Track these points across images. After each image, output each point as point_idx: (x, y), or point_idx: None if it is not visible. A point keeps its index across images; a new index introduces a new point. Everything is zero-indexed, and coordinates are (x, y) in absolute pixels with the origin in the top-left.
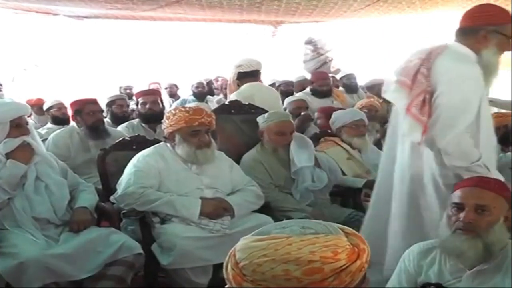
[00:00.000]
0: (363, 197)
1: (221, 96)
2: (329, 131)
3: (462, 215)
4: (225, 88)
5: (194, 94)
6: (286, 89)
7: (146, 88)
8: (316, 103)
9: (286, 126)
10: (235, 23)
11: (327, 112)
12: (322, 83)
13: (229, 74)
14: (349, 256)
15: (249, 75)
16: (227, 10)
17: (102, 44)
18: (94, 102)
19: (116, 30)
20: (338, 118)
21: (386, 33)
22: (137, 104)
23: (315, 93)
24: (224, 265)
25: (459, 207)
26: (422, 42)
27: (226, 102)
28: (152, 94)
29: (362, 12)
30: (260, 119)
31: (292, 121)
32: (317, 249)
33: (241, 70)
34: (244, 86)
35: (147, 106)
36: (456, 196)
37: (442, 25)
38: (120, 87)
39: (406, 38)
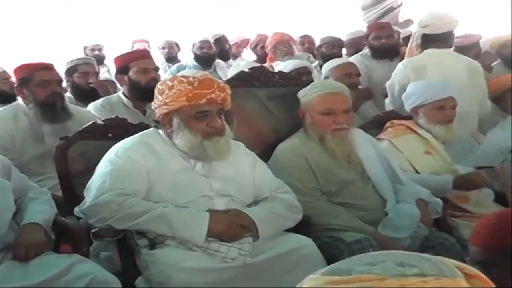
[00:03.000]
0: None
1: (238, 60)
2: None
3: None
4: (245, 47)
5: (197, 58)
6: (329, 52)
7: (127, 49)
8: (377, 70)
9: (336, 101)
10: None
11: None
12: (381, 34)
13: (412, 35)
14: None
15: (436, 39)
16: None
17: None
18: (47, 67)
19: None
20: (415, 93)
21: None
22: (122, 71)
23: (375, 53)
24: None
25: None
26: None
27: (246, 69)
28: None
29: None
30: (301, 94)
31: (347, 95)
32: None
33: (426, 32)
34: (422, 54)
35: (151, 75)
36: None
37: None
38: (85, 48)
39: None
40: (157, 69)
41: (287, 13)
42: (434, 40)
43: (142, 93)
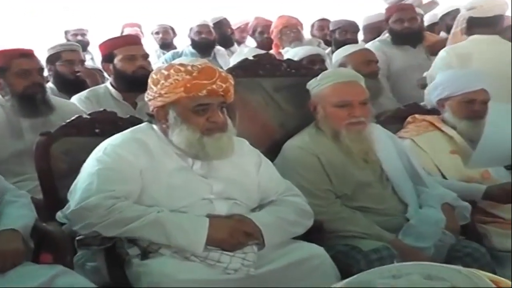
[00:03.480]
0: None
1: (242, 46)
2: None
3: None
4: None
5: (194, 44)
6: (343, 38)
7: (115, 33)
8: (398, 58)
9: (351, 92)
10: None
11: None
12: (402, 17)
13: (457, 19)
14: None
15: (484, 23)
16: None
17: None
18: (27, 55)
19: None
20: (442, 83)
21: None
22: (107, 60)
23: (395, 39)
24: None
25: None
26: None
27: (250, 57)
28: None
29: None
30: (311, 84)
31: (363, 85)
32: None
33: (473, 15)
34: (466, 40)
35: (138, 63)
36: None
37: None
38: (67, 32)
39: None
40: (146, 56)
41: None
42: (481, 24)
43: (129, 83)
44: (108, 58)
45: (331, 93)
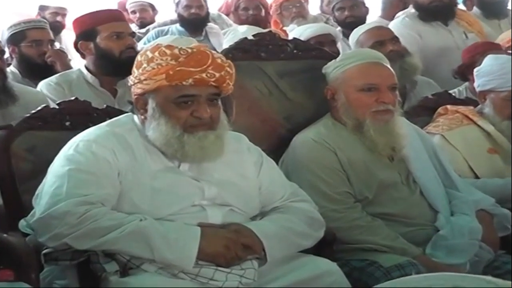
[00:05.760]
0: None
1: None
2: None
3: None
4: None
5: (182, 20)
6: (342, 16)
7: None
8: (431, 36)
9: (380, 74)
10: None
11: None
12: None
13: None
14: None
15: None
16: None
17: None
18: None
19: None
20: (490, 72)
21: None
22: (86, 37)
23: (423, 14)
24: None
25: None
26: None
27: (249, 36)
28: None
29: None
30: (329, 67)
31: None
32: None
33: None
34: None
35: (127, 41)
36: None
37: None
38: (43, 8)
39: None
40: (133, 34)
41: None
42: None
43: (115, 66)
44: (88, 35)
45: (355, 75)
